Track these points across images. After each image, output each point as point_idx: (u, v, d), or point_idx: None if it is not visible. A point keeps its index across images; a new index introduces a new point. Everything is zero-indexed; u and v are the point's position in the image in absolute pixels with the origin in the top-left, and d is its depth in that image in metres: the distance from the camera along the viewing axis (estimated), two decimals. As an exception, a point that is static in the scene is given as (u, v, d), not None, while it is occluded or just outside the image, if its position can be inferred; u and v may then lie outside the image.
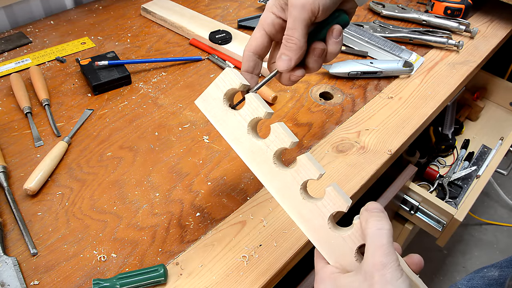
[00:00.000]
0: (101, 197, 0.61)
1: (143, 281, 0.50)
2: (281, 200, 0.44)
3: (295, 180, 0.43)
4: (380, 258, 0.38)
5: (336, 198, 0.42)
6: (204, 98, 0.47)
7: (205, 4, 1.07)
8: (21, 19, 0.97)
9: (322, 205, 0.43)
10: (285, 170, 0.44)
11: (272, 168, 0.44)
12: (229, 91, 0.46)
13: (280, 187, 0.44)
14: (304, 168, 0.43)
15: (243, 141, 0.45)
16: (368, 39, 0.95)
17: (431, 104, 0.82)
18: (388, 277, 0.37)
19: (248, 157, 0.46)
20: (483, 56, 0.96)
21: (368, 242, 0.39)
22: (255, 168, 0.45)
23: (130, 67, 0.85)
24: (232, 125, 0.46)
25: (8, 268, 0.51)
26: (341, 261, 0.42)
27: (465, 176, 1.08)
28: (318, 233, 0.43)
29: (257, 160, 0.45)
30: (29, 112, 0.73)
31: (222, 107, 0.46)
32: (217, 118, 0.47)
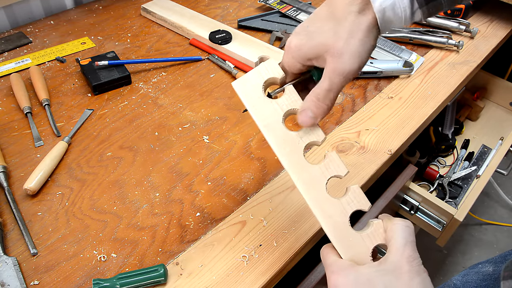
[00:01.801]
0: (101, 197, 0.61)
1: (143, 281, 0.50)
2: (306, 193, 0.45)
3: (323, 175, 0.45)
4: (409, 252, 0.39)
5: (360, 196, 0.44)
6: (242, 82, 0.48)
7: (205, 4, 1.07)
8: (21, 19, 0.97)
9: (346, 202, 0.44)
10: (314, 164, 0.45)
11: (302, 159, 0.46)
12: (269, 80, 0.47)
13: (307, 179, 0.45)
14: (333, 164, 0.45)
15: (277, 129, 0.46)
16: (368, 39, 0.94)
17: (431, 104, 0.82)
18: (417, 269, 0.39)
19: (279, 145, 0.46)
20: (483, 56, 0.96)
21: (395, 237, 0.41)
22: (284, 157, 0.46)
23: (130, 67, 0.85)
24: (267, 112, 0.47)
25: (8, 268, 0.52)
26: (355, 259, 0.43)
27: (465, 176, 1.08)
28: (338, 229, 0.44)
29: (287, 150, 0.46)
30: (29, 112, 0.73)
31: (260, 93, 0.47)
32: (252, 103, 0.47)
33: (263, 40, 0.92)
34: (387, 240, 0.42)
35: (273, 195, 0.63)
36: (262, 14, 1.02)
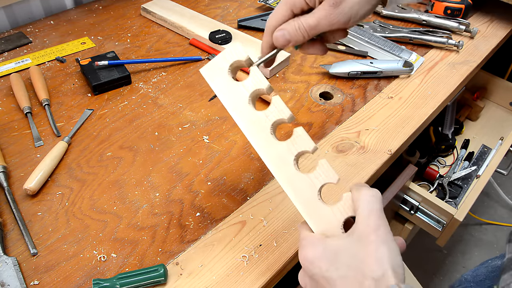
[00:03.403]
0: (101, 197, 0.61)
1: (143, 281, 0.50)
2: (274, 170, 0.46)
3: (290, 151, 0.45)
4: (375, 221, 0.39)
5: (328, 170, 0.43)
6: (209, 68, 0.49)
7: (205, 4, 1.07)
8: (21, 19, 0.97)
9: (314, 176, 0.44)
10: (282, 141, 0.46)
11: (269, 137, 0.46)
12: (234, 63, 0.48)
13: (275, 156, 0.46)
14: (300, 139, 0.45)
15: (244, 111, 0.47)
16: (368, 39, 0.95)
17: (431, 104, 0.82)
18: (383, 237, 0.38)
19: (247, 126, 0.47)
20: (483, 56, 0.96)
21: (361, 207, 0.40)
22: (252, 138, 0.47)
23: (130, 67, 0.85)
24: (234, 95, 0.47)
25: (8, 268, 0.52)
26: (327, 232, 0.43)
27: (465, 176, 1.08)
28: (308, 204, 0.44)
29: (255, 130, 0.46)
30: (29, 112, 0.73)
31: (226, 77, 0.48)
32: (220, 87, 0.48)
33: (263, 40, 0.92)
34: (355, 210, 0.41)
35: (273, 195, 0.63)
36: (262, 14, 1.02)
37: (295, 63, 0.90)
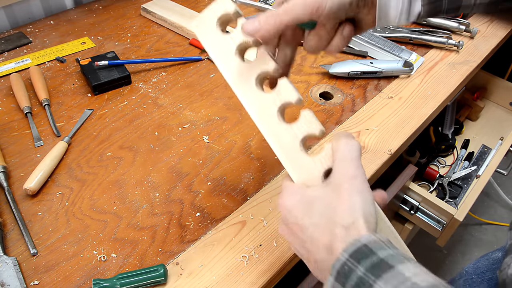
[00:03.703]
0: (101, 197, 0.61)
1: (143, 281, 0.50)
2: (258, 121, 0.46)
3: (274, 102, 0.45)
4: (350, 170, 0.39)
5: (311, 121, 0.43)
6: (199, 22, 0.49)
7: (205, 4, 1.07)
8: (21, 19, 0.97)
9: (296, 127, 0.44)
10: (266, 92, 0.46)
11: (253, 88, 0.46)
12: (222, 16, 0.48)
13: (259, 107, 0.46)
14: (284, 90, 0.45)
15: (231, 62, 0.47)
16: (368, 39, 0.95)
17: (431, 104, 0.82)
18: (358, 186, 0.38)
19: (233, 78, 0.47)
20: (483, 56, 0.96)
21: (338, 156, 0.40)
22: (237, 88, 0.47)
23: (130, 67, 0.85)
24: (222, 47, 0.48)
25: (8, 268, 0.51)
26: (308, 182, 0.43)
27: (465, 176, 1.08)
28: (290, 155, 0.44)
29: (241, 81, 0.47)
30: (29, 112, 0.73)
31: (215, 30, 0.48)
32: (209, 41, 0.48)
33: (263, 40, 0.92)
34: (334, 160, 0.41)
35: (273, 195, 0.63)
36: (262, 14, 1.01)
37: (295, 63, 0.90)
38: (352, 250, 0.35)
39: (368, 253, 0.34)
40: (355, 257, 0.34)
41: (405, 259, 0.34)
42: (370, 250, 0.34)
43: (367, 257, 0.34)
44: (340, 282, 0.35)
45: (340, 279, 0.35)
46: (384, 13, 0.50)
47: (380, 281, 0.32)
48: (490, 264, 0.70)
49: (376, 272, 0.33)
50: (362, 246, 0.35)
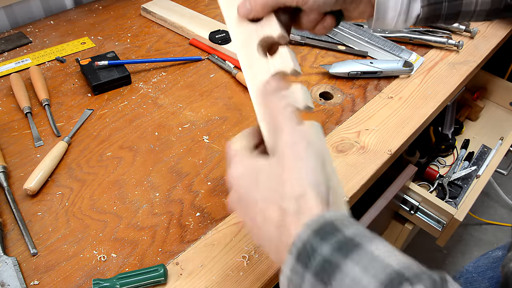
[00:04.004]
0: (101, 197, 0.61)
1: (143, 281, 0.50)
2: (239, 50, 0.46)
3: (257, 33, 0.46)
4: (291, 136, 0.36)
5: (286, 58, 0.44)
6: None
7: (205, 4, 1.07)
8: (21, 19, 0.97)
9: (271, 63, 0.44)
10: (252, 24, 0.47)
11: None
12: None
13: (243, 38, 0.47)
14: (268, 23, 0.46)
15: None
16: (368, 39, 0.95)
17: (431, 104, 0.82)
18: (301, 153, 0.35)
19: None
20: (483, 56, 0.96)
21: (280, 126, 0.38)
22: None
23: (130, 67, 0.85)
24: None
25: (8, 268, 0.52)
26: None
27: (465, 176, 1.08)
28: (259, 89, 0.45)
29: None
30: (29, 112, 0.73)
31: None
32: None
33: (263, 40, 0.92)
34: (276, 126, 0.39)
35: (273, 195, 0.63)
36: (262, 14, 1.01)
37: (295, 63, 0.89)
38: (315, 227, 0.32)
39: (333, 230, 0.31)
40: (318, 235, 0.31)
41: (373, 237, 0.31)
42: (334, 227, 0.32)
43: (332, 235, 0.31)
44: (302, 263, 0.31)
45: (302, 258, 0.31)
46: (382, 14, 0.50)
47: (348, 261, 0.30)
48: (490, 263, 0.70)
49: (343, 252, 0.30)
50: (325, 223, 0.32)
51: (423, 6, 0.50)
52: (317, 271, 0.30)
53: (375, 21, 0.52)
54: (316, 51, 0.94)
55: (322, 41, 0.95)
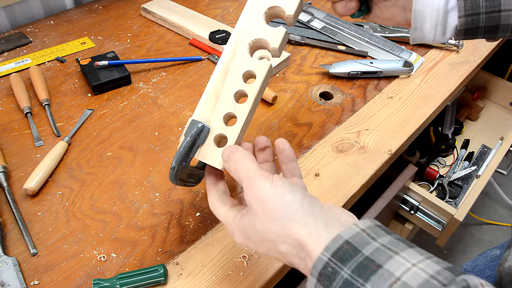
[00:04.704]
0: (101, 197, 0.61)
1: (143, 281, 0.50)
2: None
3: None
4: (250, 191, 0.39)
5: None
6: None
7: (205, 4, 1.07)
8: (21, 19, 0.97)
9: None
10: None
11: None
12: None
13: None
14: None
15: None
16: (368, 39, 0.95)
17: (431, 104, 0.82)
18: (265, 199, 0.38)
19: None
20: (483, 56, 0.96)
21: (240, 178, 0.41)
22: None
23: (130, 67, 0.85)
24: None
25: (8, 268, 0.52)
26: None
27: (465, 176, 1.08)
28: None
29: None
30: (29, 112, 0.73)
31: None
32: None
33: (263, 40, 0.92)
34: None
35: (273, 195, 0.63)
36: (262, 14, 1.01)
37: (295, 63, 0.90)
38: (334, 248, 0.33)
39: (352, 252, 0.32)
40: (338, 257, 0.32)
41: (393, 252, 0.32)
42: (353, 247, 0.32)
43: (351, 256, 0.32)
44: (324, 285, 0.33)
45: (323, 281, 0.33)
46: (419, 23, 0.50)
47: (369, 285, 0.30)
48: (488, 262, 0.70)
49: (363, 275, 0.31)
50: (344, 243, 0.33)
51: (460, 16, 0.49)
52: None
53: (413, 30, 0.52)
54: (316, 51, 0.94)
55: (322, 41, 0.95)
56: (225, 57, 0.49)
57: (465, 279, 0.30)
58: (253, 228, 0.39)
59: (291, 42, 0.94)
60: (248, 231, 0.40)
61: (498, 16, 0.48)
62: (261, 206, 0.38)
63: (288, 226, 0.36)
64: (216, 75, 0.49)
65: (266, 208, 0.38)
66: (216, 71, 0.49)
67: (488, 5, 0.48)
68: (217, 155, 0.47)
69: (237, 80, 0.48)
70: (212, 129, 0.48)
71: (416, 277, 0.29)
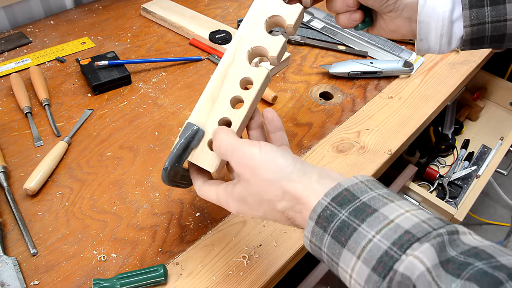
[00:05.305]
0: (101, 197, 0.61)
1: (143, 281, 0.50)
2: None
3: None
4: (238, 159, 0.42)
5: None
6: None
7: (205, 4, 1.07)
8: (21, 19, 0.97)
9: None
10: None
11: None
12: None
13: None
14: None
15: None
16: (368, 39, 0.95)
17: (431, 104, 0.82)
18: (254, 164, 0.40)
19: None
20: (483, 56, 0.96)
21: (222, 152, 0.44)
22: None
23: (130, 67, 0.85)
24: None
25: (8, 268, 0.52)
26: None
27: (465, 176, 1.08)
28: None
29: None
30: (29, 112, 0.73)
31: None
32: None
33: (263, 40, 0.92)
34: None
35: (273, 195, 0.63)
36: (262, 14, 1.01)
37: (295, 63, 0.90)
38: (334, 194, 0.35)
39: (351, 197, 0.35)
40: (337, 201, 0.35)
41: (389, 201, 0.34)
42: (352, 194, 0.35)
43: (349, 201, 0.34)
44: (321, 226, 0.35)
45: (322, 223, 0.35)
46: (424, 34, 0.50)
47: (364, 225, 0.33)
48: None
49: (360, 217, 0.33)
50: (343, 190, 0.35)
51: (465, 26, 0.49)
52: (335, 234, 0.34)
53: (419, 41, 0.52)
54: (316, 51, 0.94)
55: (322, 41, 0.95)
56: (225, 61, 0.50)
57: (454, 225, 0.32)
58: (248, 193, 0.41)
59: (291, 42, 0.94)
60: (244, 197, 0.42)
61: (504, 25, 0.48)
62: (254, 172, 0.40)
63: (284, 185, 0.38)
64: (214, 79, 0.50)
65: (260, 172, 0.40)
66: (215, 75, 0.50)
67: (494, 14, 0.47)
68: (209, 158, 0.48)
69: (234, 86, 0.49)
70: (207, 133, 0.48)
71: (408, 221, 0.32)
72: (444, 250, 0.30)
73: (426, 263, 0.29)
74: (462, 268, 0.28)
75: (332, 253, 0.34)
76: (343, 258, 0.33)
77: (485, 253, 0.29)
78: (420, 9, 0.49)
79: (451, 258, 0.29)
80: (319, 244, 0.36)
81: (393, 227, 0.31)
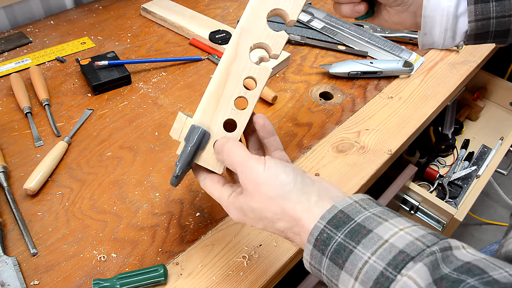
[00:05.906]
0: (101, 197, 0.61)
1: (143, 281, 0.50)
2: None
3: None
4: (244, 175, 0.42)
5: None
6: None
7: (205, 4, 1.07)
8: (21, 19, 0.97)
9: None
10: None
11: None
12: None
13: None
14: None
15: None
16: (368, 39, 0.95)
17: (431, 104, 0.82)
18: (258, 180, 0.41)
19: None
20: (483, 56, 0.96)
21: (232, 164, 0.44)
22: None
23: (130, 67, 0.85)
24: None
25: (8, 268, 0.52)
26: None
27: (465, 176, 1.08)
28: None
29: None
30: (29, 112, 0.73)
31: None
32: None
33: (263, 40, 0.92)
34: None
35: (273, 195, 0.63)
36: (262, 14, 1.01)
37: (295, 63, 0.90)
38: (329, 217, 0.36)
39: (345, 219, 0.35)
40: (333, 224, 0.36)
41: (383, 220, 0.35)
42: (347, 216, 0.36)
43: (344, 223, 0.35)
44: (319, 249, 0.36)
45: (319, 246, 0.36)
46: (429, 28, 0.50)
47: (360, 246, 0.33)
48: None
49: (355, 238, 0.34)
50: (338, 212, 0.36)
51: (470, 21, 0.49)
52: (332, 256, 0.35)
53: (423, 35, 0.52)
54: (316, 51, 0.94)
55: (322, 41, 0.95)
56: (227, 57, 0.49)
57: (448, 240, 0.32)
58: (250, 208, 0.42)
59: (291, 42, 0.94)
60: (245, 210, 0.43)
61: (508, 21, 0.48)
62: (257, 188, 0.41)
63: (283, 205, 0.39)
64: (217, 76, 0.49)
65: (262, 189, 0.40)
66: (217, 72, 0.49)
67: (499, 9, 0.48)
68: (217, 161, 0.48)
69: (238, 86, 0.48)
70: (212, 135, 0.48)
71: (402, 239, 0.32)
72: (437, 268, 0.30)
73: (419, 283, 0.29)
74: (455, 286, 0.29)
75: (331, 275, 0.35)
76: (341, 280, 0.34)
77: (478, 268, 0.29)
78: (426, 4, 0.49)
79: (444, 276, 0.30)
80: (318, 267, 0.36)
81: (388, 248, 0.32)
